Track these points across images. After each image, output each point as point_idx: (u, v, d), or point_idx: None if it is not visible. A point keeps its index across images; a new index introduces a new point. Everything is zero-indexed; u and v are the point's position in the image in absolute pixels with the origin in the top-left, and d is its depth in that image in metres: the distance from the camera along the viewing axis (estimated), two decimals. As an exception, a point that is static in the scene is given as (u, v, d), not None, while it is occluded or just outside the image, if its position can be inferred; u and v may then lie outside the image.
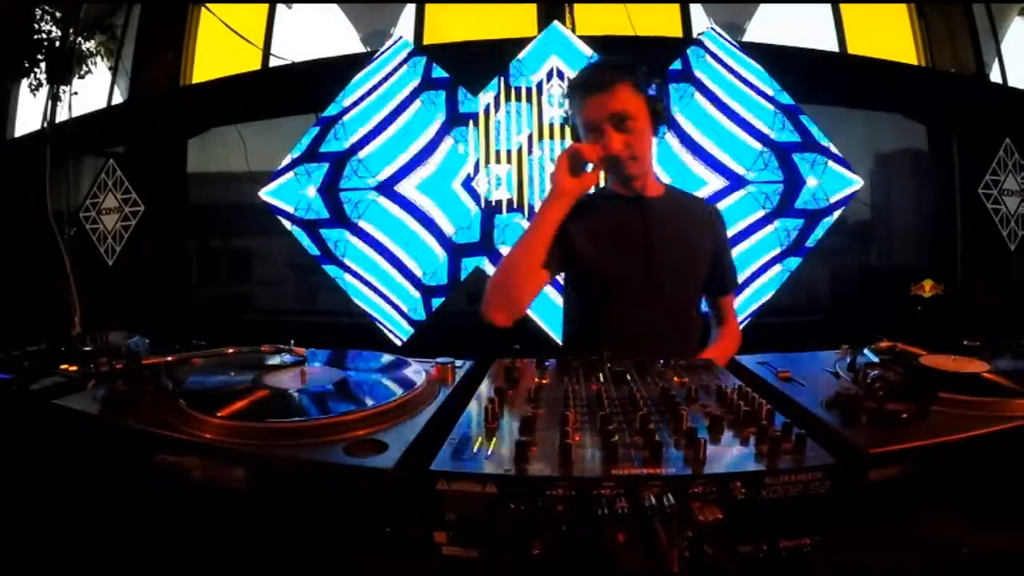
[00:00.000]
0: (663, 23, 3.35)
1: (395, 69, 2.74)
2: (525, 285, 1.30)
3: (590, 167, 1.28)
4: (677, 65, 2.68)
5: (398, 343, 2.72)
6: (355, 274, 2.71)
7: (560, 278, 1.45)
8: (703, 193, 2.55)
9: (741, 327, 2.60)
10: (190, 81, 3.70)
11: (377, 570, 0.60)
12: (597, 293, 1.36)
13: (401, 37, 2.82)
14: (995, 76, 3.60)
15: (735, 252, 2.57)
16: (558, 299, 2.22)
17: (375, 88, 2.73)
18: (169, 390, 0.77)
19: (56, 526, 0.70)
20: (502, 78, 2.68)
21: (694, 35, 3.13)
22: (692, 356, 1.16)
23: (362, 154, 2.69)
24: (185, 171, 3.47)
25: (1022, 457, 0.66)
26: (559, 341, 2.58)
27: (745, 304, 2.64)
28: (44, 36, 3.25)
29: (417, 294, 2.71)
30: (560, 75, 2.67)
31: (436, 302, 2.72)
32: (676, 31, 3.37)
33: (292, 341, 0.91)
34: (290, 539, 0.61)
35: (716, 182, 2.60)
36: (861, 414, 0.67)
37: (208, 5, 3.57)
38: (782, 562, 0.54)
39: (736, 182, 2.59)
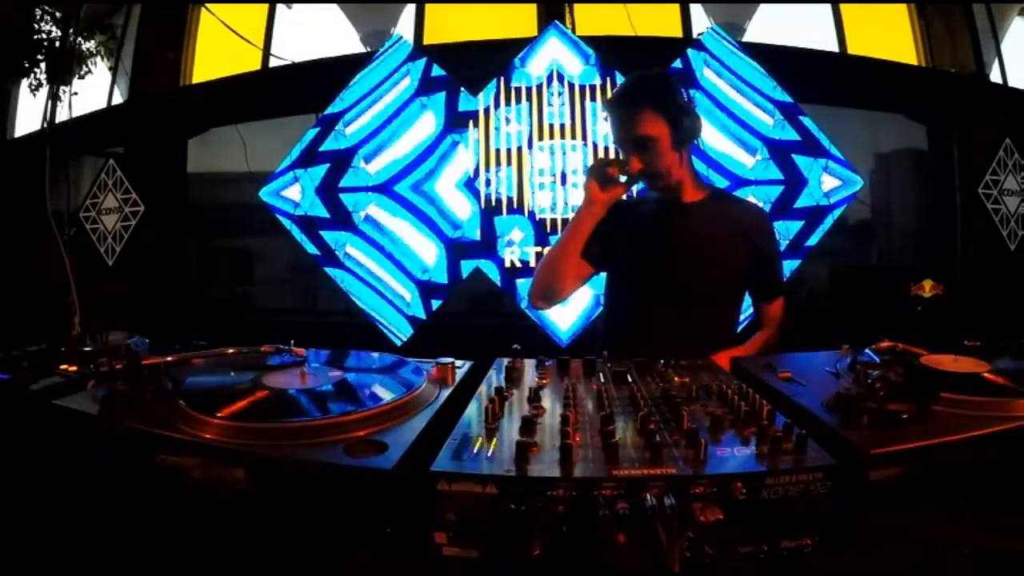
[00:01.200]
0: (663, 23, 3.35)
1: (395, 69, 2.74)
2: (562, 278, 1.42)
3: (618, 178, 1.35)
4: (677, 65, 2.68)
5: (398, 343, 2.72)
6: (355, 274, 2.71)
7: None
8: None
9: (740, 328, 2.63)
10: (190, 81, 3.70)
11: (377, 570, 0.60)
12: (630, 292, 1.43)
13: (401, 37, 2.82)
14: (995, 76, 3.60)
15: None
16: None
17: (375, 88, 2.73)
18: (169, 390, 0.77)
19: (56, 527, 0.70)
20: (502, 78, 2.68)
21: (694, 35, 3.13)
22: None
23: (362, 154, 2.69)
24: (185, 171, 3.47)
25: (1022, 457, 0.66)
26: (559, 342, 2.59)
27: (745, 306, 2.63)
28: (44, 36, 3.25)
29: (417, 294, 2.71)
30: (560, 76, 2.67)
31: (436, 302, 2.72)
32: (676, 31, 3.37)
33: (292, 341, 0.91)
34: (290, 540, 0.61)
35: (719, 182, 2.59)
36: (862, 414, 0.67)
37: (208, 5, 3.57)
38: (783, 562, 0.54)
39: (737, 182, 2.59)
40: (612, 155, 1.44)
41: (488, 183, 2.66)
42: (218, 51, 3.69)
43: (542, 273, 1.46)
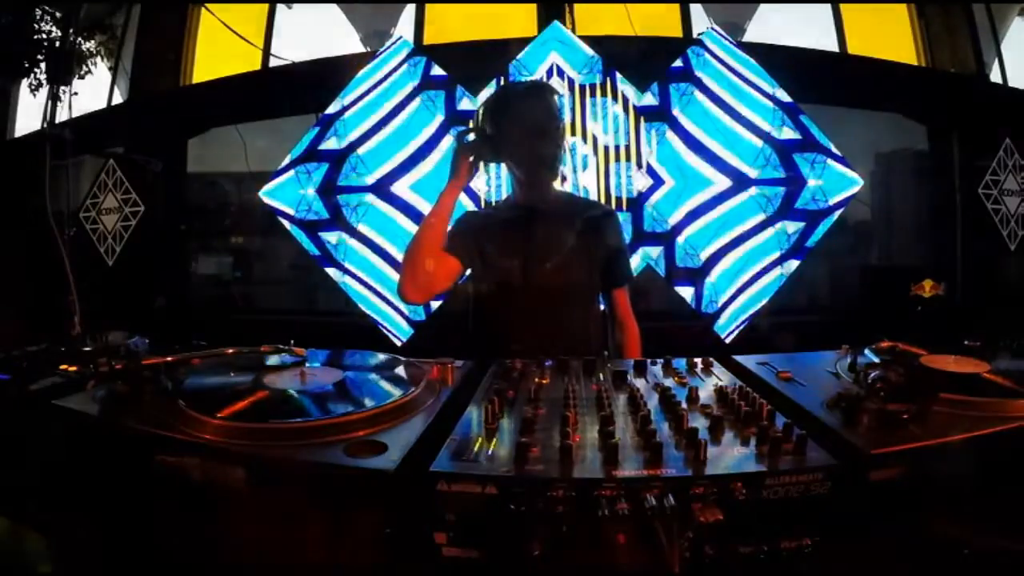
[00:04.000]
0: (663, 23, 3.35)
1: (395, 69, 2.73)
2: (428, 266, 1.41)
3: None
4: (678, 64, 2.68)
5: (398, 343, 2.72)
6: (354, 275, 2.71)
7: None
8: (710, 194, 2.57)
9: (740, 328, 2.63)
10: (190, 81, 3.71)
11: (377, 570, 0.60)
12: (501, 295, 1.48)
13: (401, 37, 2.81)
14: (995, 76, 3.60)
15: (735, 254, 2.60)
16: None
17: (375, 88, 2.73)
18: (169, 390, 0.77)
19: (56, 526, 0.70)
20: (502, 78, 2.67)
21: (694, 35, 3.13)
22: (594, 350, 1.41)
23: (361, 154, 2.68)
24: (185, 171, 3.47)
25: (1022, 457, 0.66)
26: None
27: (745, 306, 2.63)
28: (44, 36, 3.25)
29: (417, 294, 2.70)
30: (560, 74, 2.66)
31: (435, 303, 2.71)
32: (676, 31, 3.37)
33: (292, 341, 0.91)
34: (290, 540, 0.61)
35: (720, 182, 2.59)
36: (862, 414, 0.67)
37: (208, 5, 3.57)
38: (783, 562, 0.54)
39: (739, 182, 2.59)
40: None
41: (487, 183, 2.66)
42: (218, 51, 3.69)
43: (407, 259, 1.43)
